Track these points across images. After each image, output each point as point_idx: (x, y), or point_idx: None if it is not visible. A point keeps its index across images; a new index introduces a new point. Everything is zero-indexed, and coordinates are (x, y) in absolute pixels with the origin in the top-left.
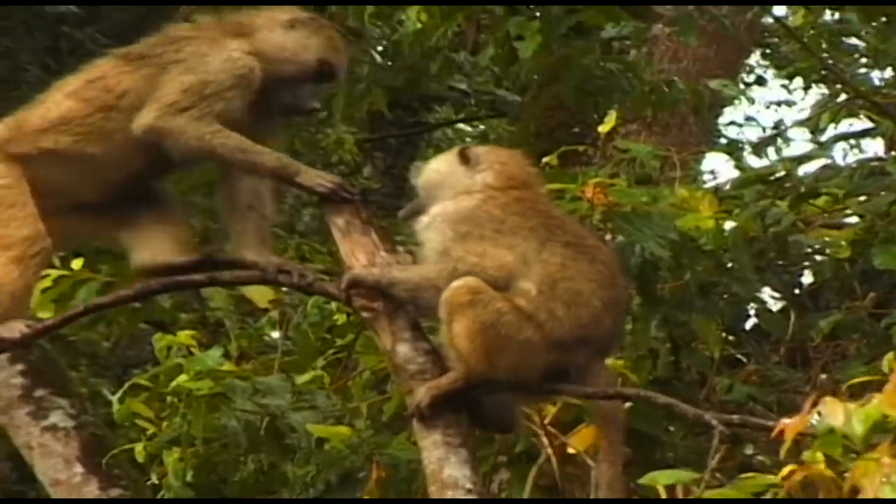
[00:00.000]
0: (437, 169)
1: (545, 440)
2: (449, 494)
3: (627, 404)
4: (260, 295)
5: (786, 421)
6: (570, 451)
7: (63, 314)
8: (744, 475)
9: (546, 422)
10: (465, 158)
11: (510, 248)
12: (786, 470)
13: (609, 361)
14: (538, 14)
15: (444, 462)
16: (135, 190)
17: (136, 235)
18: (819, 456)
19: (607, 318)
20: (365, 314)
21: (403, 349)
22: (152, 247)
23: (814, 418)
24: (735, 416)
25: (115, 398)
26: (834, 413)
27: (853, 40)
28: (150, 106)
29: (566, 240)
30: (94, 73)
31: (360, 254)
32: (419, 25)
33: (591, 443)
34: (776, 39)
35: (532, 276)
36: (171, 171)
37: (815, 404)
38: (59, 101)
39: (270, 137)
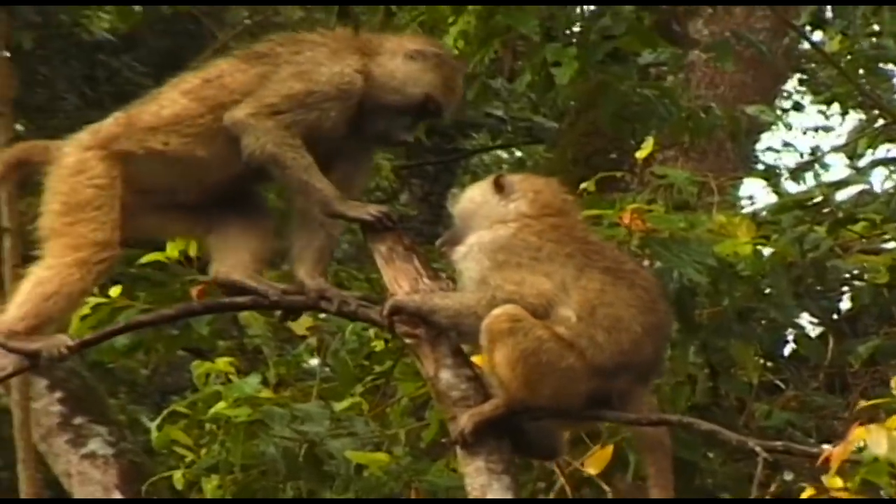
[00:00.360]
0: (472, 198)
1: (557, 469)
2: None
3: None
4: (298, 322)
5: (829, 448)
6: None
7: (103, 330)
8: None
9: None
10: (499, 187)
11: (548, 276)
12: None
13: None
14: (575, 41)
15: (486, 489)
16: (232, 194)
17: (220, 244)
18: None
19: (648, 343)
20: (408, 340)
21: (446, 375)
22: (231, 260)
23: (857, 445)
24: (778, 443)
25: (153, 425)
26: (878, 441)
27: (890, 66)
28: (248, 102)
29: (604, 265)
30: (213, 71)
31: (403, 280)
32: (456, 52)
33: (606, 465)
34: (813, 65)
35: (571, 302)
36: (268, 179)
37: (857, 430)
38: (175, 98)
39: (359, 158)
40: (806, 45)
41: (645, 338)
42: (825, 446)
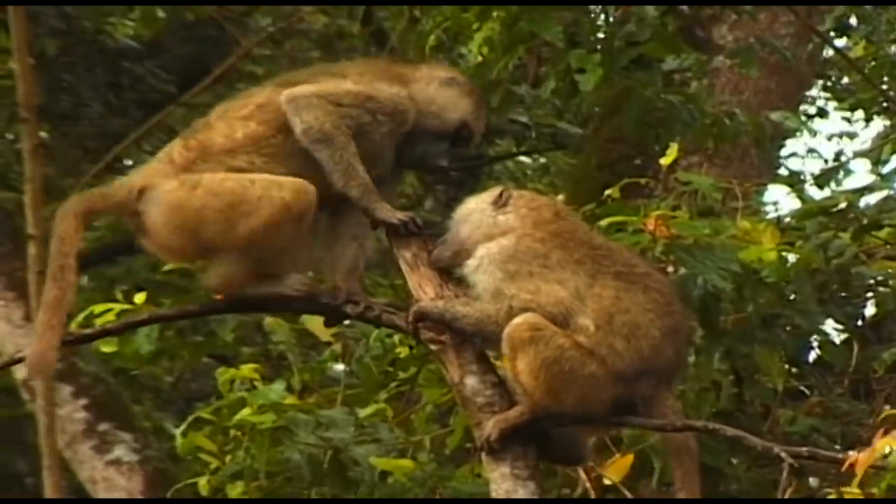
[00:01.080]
0: (468, 205)
1: (582, 473)
2: None
3: None
4: (322, 328)
5: (855, 454)
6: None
7: (125, 320)
8: None
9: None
10: (498, 199)
11: (561, 283)
12: None
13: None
14: (599, 47)
15: (512, 494)
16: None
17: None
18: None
19: (668, 347)
20: (433, 347)
21: (471, 381)
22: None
23: (883, 451)
24: (804, 449)
25: (178, 432)
26: None
27: None
28: (312, 85)
29: (616, 270)
30: (260, 98)
31: (427, 287)
32: (480, 59)
33: (628, 472)
34: (837, 71)
35: (588, 311)
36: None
37: (883, 437)
38: (238, 124)
39: (389, 182)
40: (830, 51)
41: (664, 341)
42: (850, 452)
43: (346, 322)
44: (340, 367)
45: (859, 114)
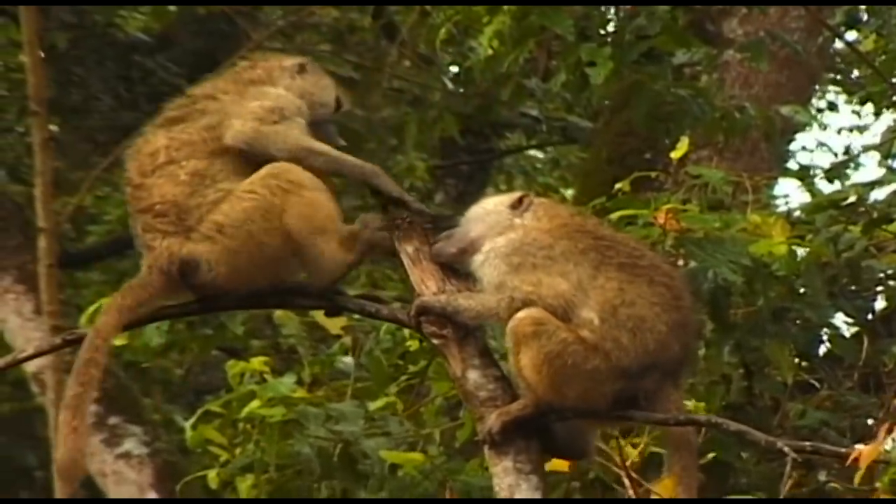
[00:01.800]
0: (485, 205)
1: (629, 487)
2: None
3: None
4: (332, 321)
5: (860, 448)
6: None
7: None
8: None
9: (628, 464)
10: (517, 203)
11: (564, 275)
12: None
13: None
14: (610, 40)
15: (514, 489)
16: None
17: None
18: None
19: (674, 342)
20: (435, 341)
21: (474, 375)
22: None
23: (888, 444)
24: (807, 444)
25: (188, 425)
26: None
27: None
28: (240, 120)
29: (620, 261)
30: (160, 145)
31: (430, 281)
32: (490, 52)
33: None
34: (847, 65)
35: (591, 303)
36: None
37: (889, 431)
38: (175, 171)
39: None
40: (840, 45)
41: (670, 336)
42: (855, 447)
43: (356, 316)
44: (350, 360)
45: (869, 107)
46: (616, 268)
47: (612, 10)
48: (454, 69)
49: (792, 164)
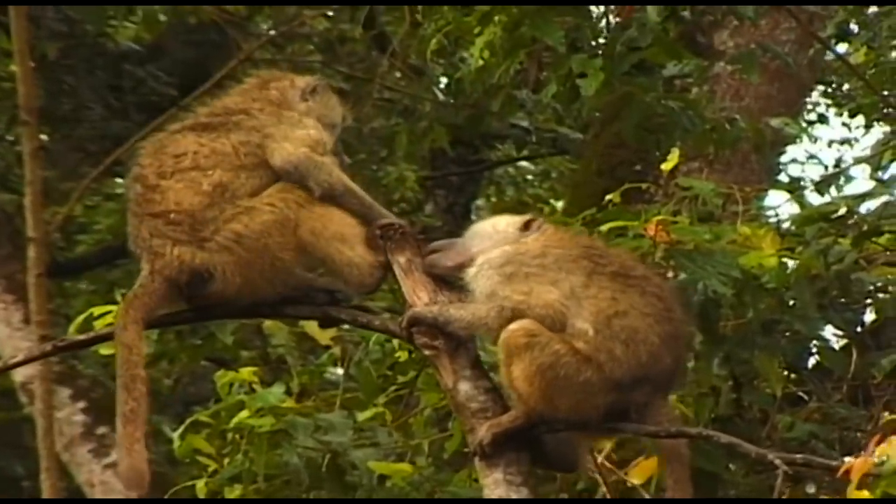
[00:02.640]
0: (496, 223)
1: (600, 478)
2: None
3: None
4: (321, 332)
5: (850, 461)
6: (630, 485)
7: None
8: None
9: (600, 459)
10: (526, 226)
11: (555, 283)
12: None
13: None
14: (601, 52)
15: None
16: None
17: None
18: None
19: (666, 354)
20: (427, 352)
21: (465, 387)
22: None
23: (878, 458)
24: (798, 456)
25: (176, 435)
26: None
27: None
28: (289, 143)
29: (612, 270)
30: (184, 146)
31: (421, 292)
32: (481, 63)
33: (651, 475)
34: (838, 77)
35: (585, 314)
36: None
37: (878, 444)
38: (198, 177)
39: None
40: (831, 57)
41: (662, 348)
42: (846, 459)
43: (346, 326)
44: (339, 370)
45: (859, 120)
46: (609, 277)
47: (604, 21)
48: (445, 80)
49: (782, 177)
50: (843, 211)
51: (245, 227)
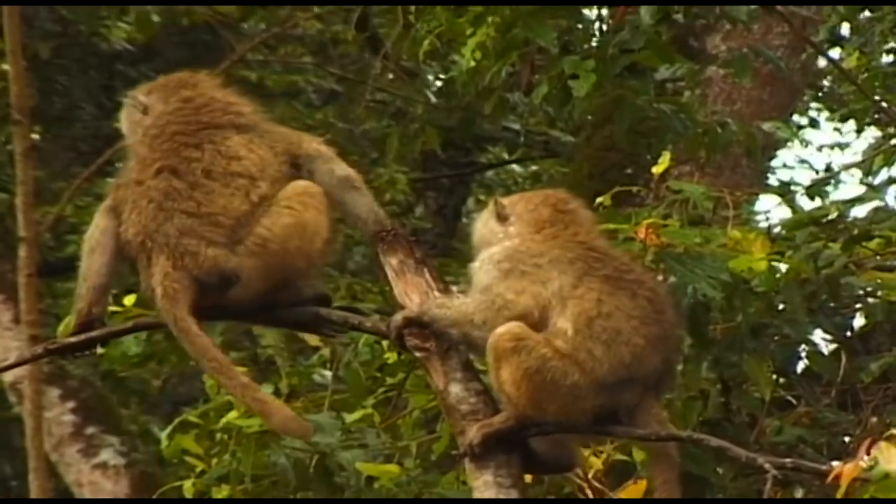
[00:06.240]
0: (478, 228)
1: (590, 493)
2: None
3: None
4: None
5: (839, 465)
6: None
7: (109, 329)
8: None
9: (591, 475)
10: (497, 214)
11: (545, 283)
12: None
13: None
14: (593, 54)
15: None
16: None
17: None
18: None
19: (653, 355)
20: (418, 354)
21: (456, 389)
22: None
23: (867, 462)
24: (788, 460)
25: (164, 435)
26: (889, 458)
27: None
28: (311, 140)
29: (605, 273)
30: (235, 149)
31: (413, 294)
32: (473, 65)
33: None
34: (830, 81)
35: (567, 314)
36: None
37: (868, 448)
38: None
39: None
40: (823, 62)
41: (648, 349)
42: (835, 463)
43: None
44: (328, 372)
45: (851, 125)
46: (600, 279)
47: (596, 23)
48: (438, 83)
49: (773, 181)
50: (833, 215)
51: (268, 230)
